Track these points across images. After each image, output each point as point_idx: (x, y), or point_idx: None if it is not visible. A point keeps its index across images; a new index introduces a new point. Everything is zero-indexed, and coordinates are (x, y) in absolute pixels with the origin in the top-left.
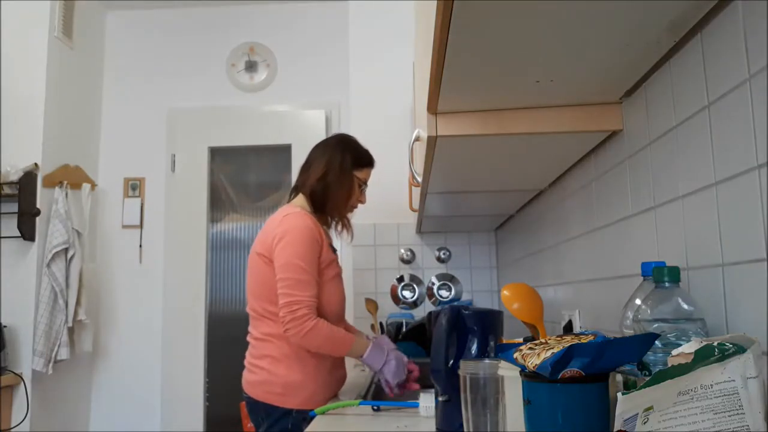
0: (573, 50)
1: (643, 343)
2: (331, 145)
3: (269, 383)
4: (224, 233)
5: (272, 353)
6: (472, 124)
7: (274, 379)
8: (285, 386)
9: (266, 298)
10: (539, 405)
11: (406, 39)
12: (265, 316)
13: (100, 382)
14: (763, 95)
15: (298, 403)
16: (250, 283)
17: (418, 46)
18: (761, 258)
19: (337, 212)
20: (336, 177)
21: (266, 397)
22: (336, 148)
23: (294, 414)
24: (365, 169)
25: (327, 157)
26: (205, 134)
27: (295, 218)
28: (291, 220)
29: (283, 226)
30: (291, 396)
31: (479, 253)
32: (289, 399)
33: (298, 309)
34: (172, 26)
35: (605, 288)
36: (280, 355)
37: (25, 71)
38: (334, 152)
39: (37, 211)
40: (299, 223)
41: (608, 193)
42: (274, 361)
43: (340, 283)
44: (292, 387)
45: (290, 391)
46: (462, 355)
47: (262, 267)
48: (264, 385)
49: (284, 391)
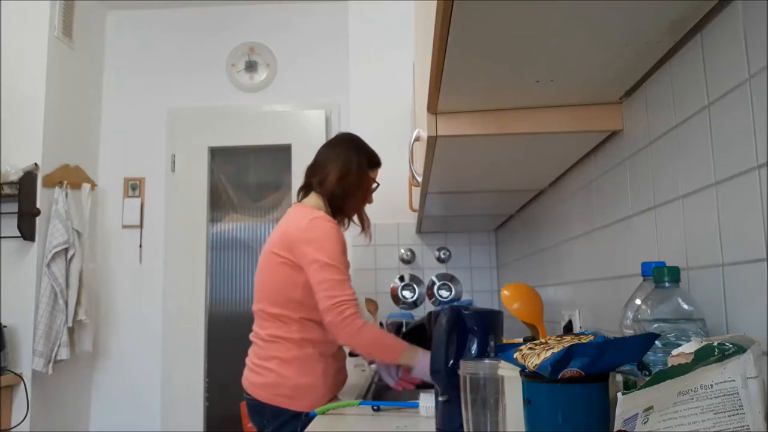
0: (573, 50)
1: (643, 343)
2: (343, 146)
3: (278, 385)
4: (224, 233)
5: (280, 355)
6: (472, 124)
7: (283, 382)
8: (294, 389)
9: (280, 300)
10: (539, 405)
11: (406, 39)
12: (275, 317)
13: (100, 382)
14: (763, 95)
15: (307, 405)
16: (261, 282)
17: (418, 46)
18: (761, 258)
19: (356, 212)
20: (355, 178)
21: (275, 399)
22: (350, 149)
23: (303, 417)
24: (376, 169)
25: (343, 158)
26: (205, 134)
27: (324, 221)
28: (320, 223)
29: (314, 229)
30: (300, 399)
31: (479, 253)
32: (298, 402)
33: (346, 309)
34: (172, 26)
35: (605, 288)
36: (289, 357)
37: (25, 71)
38: (350, 153)
39: (37, 211)
40: (330, 226)
41: (608, 193)
42: (282, 363)
43: None
44: (302, 390)
45: (300, 394)
46: (462, 355)
47: (278, 267)
48: (272, 388)
49: (294, 393)
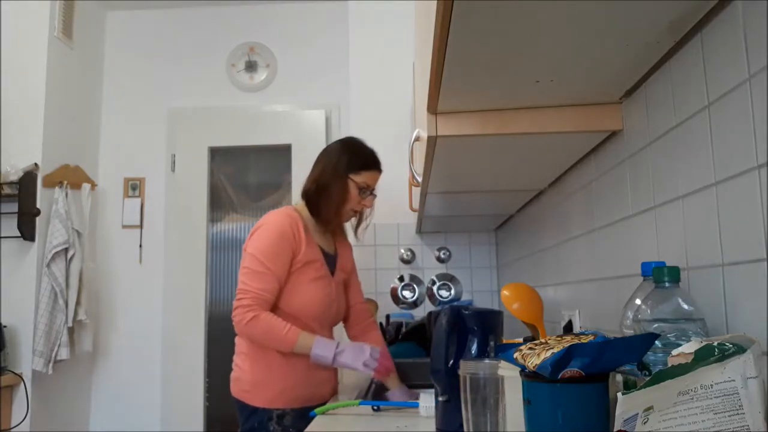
0: (573, 50)
1: (643, 343)
2: (332, 148)
3: (239, 380)
4: (224, 233)
5: (244, 350)
6: (472, 124)
7: (242, 376)
8: (251, 383)
9: None
10: (539, 405)
11: (406, 39)
12: None
13: (100, 382)
14: (763, 95)
15: (263, 401)
16: None
17: (418, 46)
18: (761, 258)
19: (332, 216)
20: (328, 180)
21: (238, 393)
22: (335, 151)
23: (260, 412)
24: (365, 173)
25: (324, 160)
26: (205, 134)
27: (272, 215)
28: (267, 216)
29: (259, 222)
30: (256, 393)
31: (479, 253)
32: (254, 396)
33: (243, 298)
34: (172, 26)
35: (605, 288)
36: (251, 352)
37: (25, 71)
38: (332, 155)
39: (37, 211)
40: (272, 219)
41: (608, 193)
42: (244, 357)
43: (324, 288)
44: (257, 384)
45: (255, 389)
46: (462, 355)
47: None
48: (236, 382)
49: (251, 388)
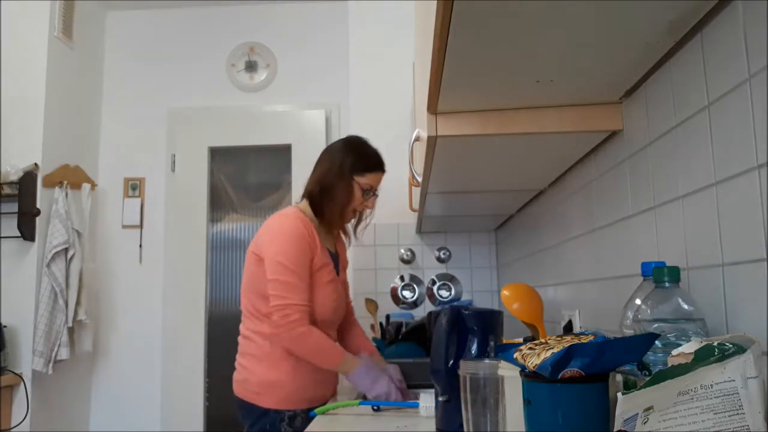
0: (573, 50)
1: (643, 343)
2: (335, 148)
3: (247, 381)
4: (224, 233)
5: (253, 351)
6: (472, 124)
7: (251, 378)
8: (260, 385)
9: (254, 295)
10: (539, 405)
11: (406, 39)
12: (252, 313)
13: (100, 382)
14: (763, 95)
15: (274, 402)
16: (243, 280)
17: (418, 46)
18: (761, 258)
19: (336, 217)
20: (332, 181)
21: (246, 395)
22: (339, 151)
23: (271, 414)
24: (369, 174)
25: (328, 160)
26: (205, 134)
27: (284, 217)
28: (279, 218)
29: (272, 223)
30: (266, 395)
31: (479, 253)
32: (264, 398)
33: (292, 313)
34: (172, 26)
35: (605, 288)
36: (260, 353)
37: (25, 71)
38: (335, 156)
39: (37, 211)
40: (287, 222)
41: (608, 193)
42: (253, 359)
43: (335, 290)
44: (267, 386)
45: (265, 390)
46: (462, 355)
47: (252, 264)
48: (243, 384)
49: (260, 389)
